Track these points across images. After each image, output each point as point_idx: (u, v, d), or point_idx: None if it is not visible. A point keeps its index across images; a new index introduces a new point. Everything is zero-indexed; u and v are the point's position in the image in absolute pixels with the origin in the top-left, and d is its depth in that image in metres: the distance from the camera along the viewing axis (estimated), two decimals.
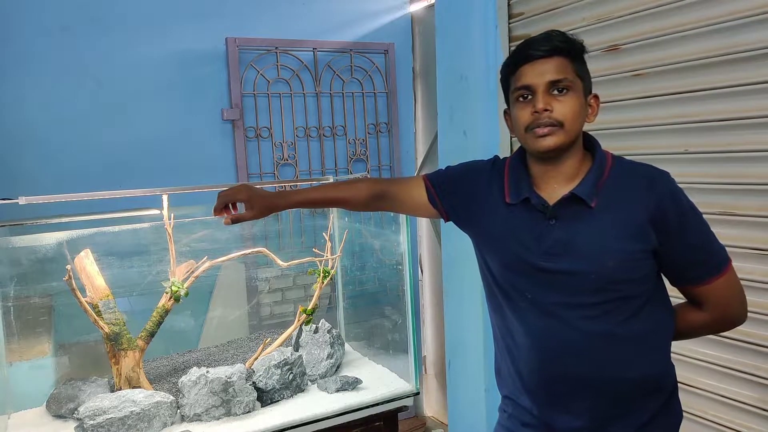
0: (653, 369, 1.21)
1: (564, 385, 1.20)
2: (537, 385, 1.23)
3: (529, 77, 1.16)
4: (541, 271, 1.18)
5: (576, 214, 1.16)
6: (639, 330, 1.17)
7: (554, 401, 1.22)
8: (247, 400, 1.92)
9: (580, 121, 1.17)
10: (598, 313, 1.16)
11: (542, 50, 1.15)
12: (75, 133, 2.56)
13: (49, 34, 2.51)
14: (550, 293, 1.18)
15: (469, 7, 2.26)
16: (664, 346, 1.24)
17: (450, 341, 2.48)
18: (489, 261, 1.28)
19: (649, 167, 1.20)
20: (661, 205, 1.14)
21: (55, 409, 1.92)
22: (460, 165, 1.39)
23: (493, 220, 1.26)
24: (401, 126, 3.31)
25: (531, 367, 1.23)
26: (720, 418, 1.69)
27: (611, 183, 1.17)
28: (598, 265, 1.14)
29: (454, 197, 1.34)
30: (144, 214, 1.96)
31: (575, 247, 1.15)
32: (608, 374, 1.18)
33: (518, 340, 1.25)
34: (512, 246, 1.21)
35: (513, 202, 1.23)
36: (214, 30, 2.81)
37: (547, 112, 1.13)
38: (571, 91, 1.15)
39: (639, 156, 1.82)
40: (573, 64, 1.16)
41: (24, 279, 2.00)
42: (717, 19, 1.60)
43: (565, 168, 1.19)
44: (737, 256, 1.61)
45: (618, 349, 1.17)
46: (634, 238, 1.14)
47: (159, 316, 1.98)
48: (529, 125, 1.16)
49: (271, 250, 2.19)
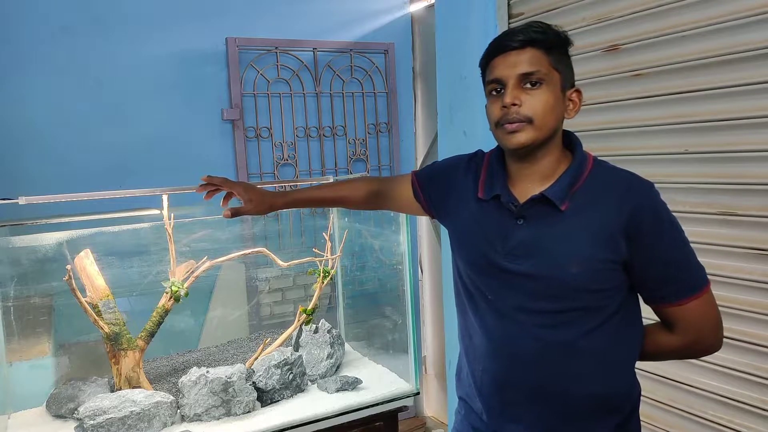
0: (612, 387, 1.14)
1: (515, 393, 1.16)
2: (489, 389, 1.19)
3: (499, 70, 1.10)
4: (503, 271, 1.13)
5: (544, 215, 1.12)
6: (600, 345, 1.11)
7: (504, 409, 1.18)
8: (247, 400, 1.92)
9: (553, 116, 1.10)
10: (558, 321, 1.11)
11: (516, 41, 1.09)
12: (75, 133, 2.56)
13: (50, 34, 2.51)
14: (510, 296, 1.14)
15: (469, 7, 2.26)
16: (626, 364, 1.17)
17: (450, 341, 2.48)
18: (457, 258, 1.25)
19: (631, 175, 1.14)
20: (636, 214, 1.07)
21: (55, 409, 1.92)
22: (444, 159, 1.37)
23: (463, 214, 1.23)
24: (401, 126, 3.31)
25: (485, 369, 1.19)
26: (720, 418, 1.69)
27: (587, 187, 1.12)
28: (561, 270, 1.09)
29: (434, 191, 1.32)
30: (144, 214, 1.96)
31: (539, 250, 1.11)
32: (562, 387, 1.13)
33: (476, 342, 1.22)
34: (478, 243, 1.18)
35: (484, 197, 1.19)
36: (214, 30, 2.81)
37: (516, 107, 1.08)
38: (544, 84, 1.09)
39: (639, 156, 1.83)
40: (549, 56, 1.10)
41: (24, 279, 1.99)
42: (717, 19, 1.60)
43: (541, 166, 1.14)
44: (737, 256, 1.61)
45: (576, 362, 1.11)
46: (602, 245, 1.08)
47: (159, 316, 1.98)
48: (498, 120, 1.11)
49: (271, 250, 2.19)
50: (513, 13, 2.20)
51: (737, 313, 1.63)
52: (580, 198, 1.11)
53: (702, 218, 1.69)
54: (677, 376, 1.79)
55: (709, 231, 1.67)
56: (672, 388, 1.81)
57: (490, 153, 1.26)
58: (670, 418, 1.82)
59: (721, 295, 1.66)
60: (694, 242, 1.15)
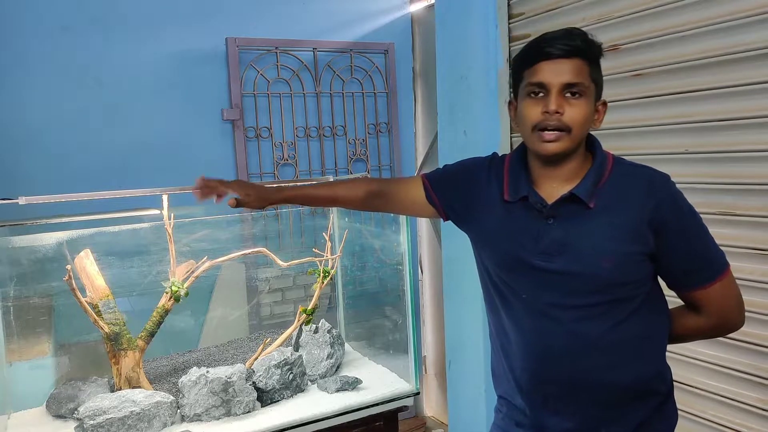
0: (646, 373, 1.19)
1: (555, 387, 1.19)
2: (529, 385, 1.22)
3: (545, 75, 1.12)
4: (537, 270, 1.16)
5: (574, 214, 1.15)
6: (633, 334, 1.16)
7: (546, 402, 1.21)
8: (247, 400, 1.92)
9: (587, 126, 1.15)
10: (592, 315, 1.14)
11: (563, 49, 1.11)
12: (75, 133, 2.56)
13: (50, 34, 2.51)
14: (544, 293, 1.17)
15: (469, 7, 2.25)
16: (658, 350, 1.23)
17: (450, 341, 2.48)
18: (485, 259, 1.27)
19: (649, 169, 1.18)
20: (661, 208, 1.12)
21: (55, 409, 1.92)
22: (457, 163, 1.38)
23: (490, 218, 1.25)
24: (401, 126, 3.31)
25: (523, 367, 1.22)
26: (720, 418, 1.69)
27: (611, 184, 1.16)
28: (594, 266, 1.12)
29: (452, 195, 1.33)
30: (144, 214, 1.96)
31: (571, 248, 1.14)
32: (598, 378, 1.16)
33: (512, 340, 1.24)
34: (508, 244, 1.20)
35: (511, 199, 1.21)
36: (214, 30, 2.81)
37: (558, 114, 1.11)
38: (584, 96, 1.12)
39: (639, 156, 1.82)
40: (590, 67, 1.14)
41: (24, 279, 1.99)
42: (717, 19, 1.60)
43: (566, 169, 1.17)
44: (737, 256, 1.61)
45: (611, 352, 1.15)
46: (631, 240, 1.12)
47: (159, 316, 1.98)
48: (537, 124, 1.13)
49: (271, 250, 2.19)
50: (513, 13, 2.20)
51: None
52: (605, 195, 1.15)
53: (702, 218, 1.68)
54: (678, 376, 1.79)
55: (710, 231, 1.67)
56: None
57: (510, 155, 1.28)
58: None
59: None
60: None
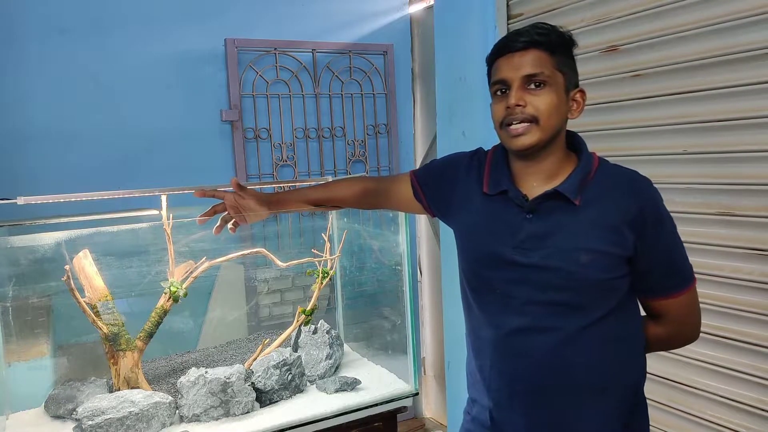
0: (619, 375, 1.18)
1: (523, 385, 1.17)
2: (497, 383, 1.20)
3: (504, 71, 1.13)
4: (513, 264, 1.15)
5: (555, 210, 1.15)
6: (606, 335, 1.15)
7: (513, 402, 1.19)
8: (246, 401, 1.92)
9: (557, 117, 1.13)
10: (566, 312, 1.13)
11: (520, 42, 1.12)
12: (75, 133, 2.56)
13: (49, 35, 2.51)
14: (519, 288, 1.16)
15: (468, 8, 2.26)
16: (631, 352, 1.21)
17: (449, 342, 2.48)
18: (461, 253, 1.26)
19: (633, 172, 1.18)
20: (643, 210, 1.12)
21: (54, 409, 1.92)
22: (443, 158, 1.39)
23: (468, 210, 1.24)
24: (400, 127, 3.31)
25: (492, 364, 1.21)
26: (719, 419, 1.69)
27: (595, 184, 1.16)
28: (572, 261, 1.11)
29: (435, 190, 1.33)
30: (143, 214, 1.95)
31: (549, 242, 1.13)
32: (569, 378, 1.15)
33: (482, 336, 1.23)
34: (485, 238, 1.20)
35: (491, 192, 1.21)
36: (214, 31, 2.81)
37: (520, 107, 1.11)
38: (548, 86, 1.12)
39: (638, 156, 1.83)
40: (552, 57, 1.12)
41: (22, 279, 1.99)
42: (716, 19, 1.60)
43: (545, 166, 1.17)
44: (736, 256, 1.61)
45: (584, 352, 1.14)
46: (612, 239, 1.12)
47: (158, 316, 1.98)
48: (503, 121, 1.14)
49: (270, 251, 2.18)
50: (512, 14, 2.20)
51: (736, 313, 1.63)
52: (589, 194, 1.15)
53: (701, 218, 1.69)
54: (677, 376, 1.79)
55: (708, 231, 1.67)
56: (671, 388, 1.81)
57: (493, 149, 1.28)
58: (670, 419, 1.82)
59: (719, 295, 1.66)
60: (692, 242, 1.16)
